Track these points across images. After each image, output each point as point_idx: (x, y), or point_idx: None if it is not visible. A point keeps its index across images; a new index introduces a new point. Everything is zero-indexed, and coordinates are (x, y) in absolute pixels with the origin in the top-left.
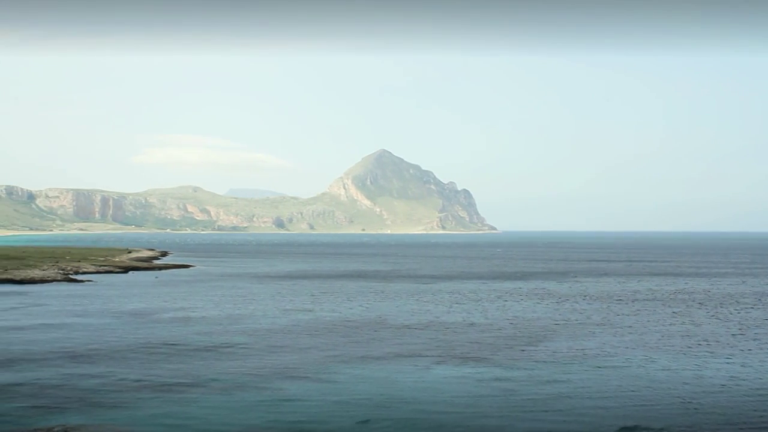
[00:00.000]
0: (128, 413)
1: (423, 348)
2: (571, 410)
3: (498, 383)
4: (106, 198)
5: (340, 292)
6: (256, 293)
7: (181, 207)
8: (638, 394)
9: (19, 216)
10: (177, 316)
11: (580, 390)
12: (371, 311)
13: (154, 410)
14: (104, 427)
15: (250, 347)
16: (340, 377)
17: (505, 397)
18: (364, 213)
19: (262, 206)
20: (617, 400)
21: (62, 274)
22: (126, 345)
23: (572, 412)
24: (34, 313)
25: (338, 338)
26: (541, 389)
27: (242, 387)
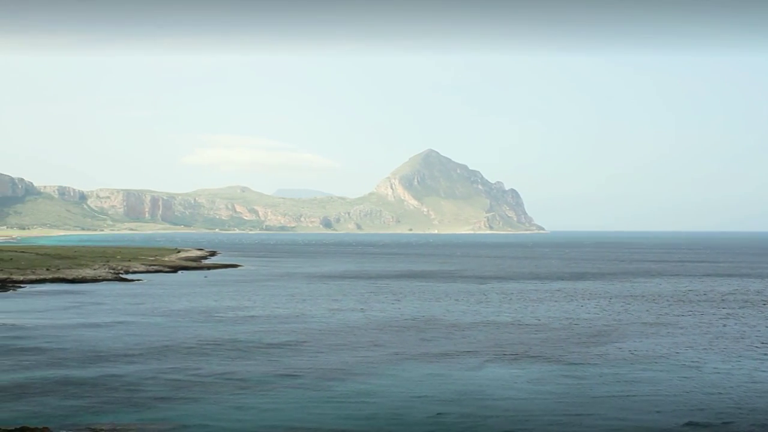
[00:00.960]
0: (209, 407)
1: (479, 346)
2: (629, 408)
3: (556, 381)
4: (156, 198)
5: (390, 291)
6: (307, 293)
7: (230, 207)
8: (693, 394)
9: (71, 216)
10: (239, 314)
11: (637, 388)
12: (422, 310)
13: (234, 404)
14: (149, 426)
15: (313, 345)
16: (406, 374)
17: (565, 394)
18: (412, 213)
19: (309, 206)
20: (673, 399)
21: (113, 273)
22: (195, 342)
23: (631, 410)
24: (93, 311)
25: (395, 336)
26: (601, 387)
27: (315, 382)
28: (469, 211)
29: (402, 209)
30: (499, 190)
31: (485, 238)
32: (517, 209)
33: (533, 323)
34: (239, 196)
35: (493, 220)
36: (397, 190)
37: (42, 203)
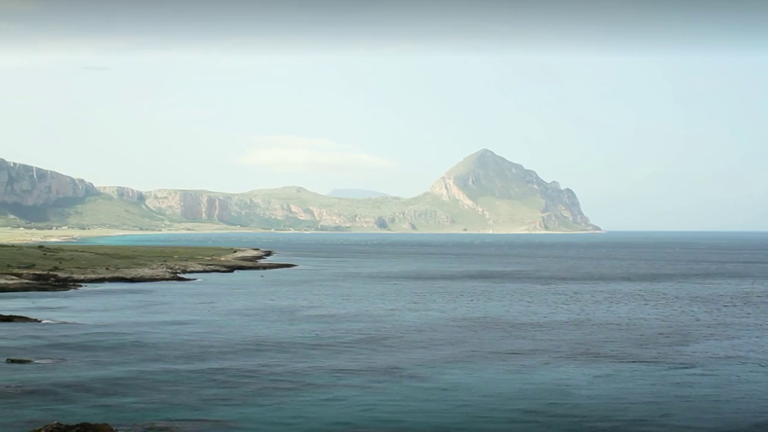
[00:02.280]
0: (304, 398)
1: (549, 345)
2: (715, 408)
3: (635, 381)
4: (213, 198)
5: (451, 292)
6: (368, 293)
7: (285, 207)
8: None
9: (129, 216)
10: (309, 314)
11: (719, 389)
12: (486, 310)
13: (325, 397)
14: (205, 423)
15: (388, 342)
16: (485, 371)
17: (647, 393)
18: (466, 213)
19: (364, 206)
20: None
21: (170, 272)
22: (273, 339)
23: (716, 411)
24: (163, 310)
25: (466, 335)
26: (684, 388)
27: (399, 378)
28: (525, 211)
29: (457, 209)
30: (555, 190)
31: (541, 238)
32: (573, 209)
33: (599, 323)
34: (294, 196)
35: (548, 220)
36: (452, 190)
37: (102, 203)
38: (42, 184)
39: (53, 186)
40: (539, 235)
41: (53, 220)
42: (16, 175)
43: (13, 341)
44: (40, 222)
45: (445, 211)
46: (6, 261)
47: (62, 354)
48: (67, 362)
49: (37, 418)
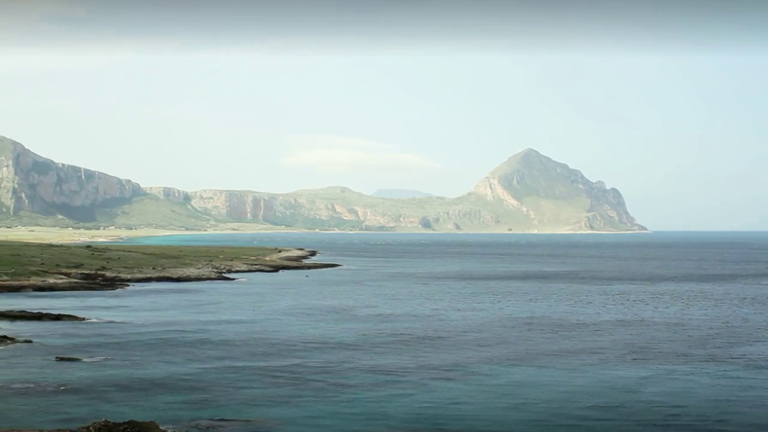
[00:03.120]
0: (349, 397)
1: (603, 345)
2: (757, 409)
3: (684, 381)
4: (257, 199)
5: (499, 292)
6: (415, 292)
7: (330, 207)
8: None
9: (175, 216)
10: (361, 313)
11: (758, 391)
12: (536, 310)
13: (393, 392)
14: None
15: (447, 341)
16: (544, 370)
17: (711, 392)
18: (511, 213)
19: (408, 206)
20: None
21: (216, 272)
22: (322, 339)
23: (759, 411)
24: (205, 310)
25: (520, 334)
26: (746, 389)
27: (466, 375)
28: (570, 210)
29: (501, 209)
30: (600, 190)
31: (586, 238)
32: (619, 209)
33: (647, 323)
34: (339, 196)
35: (593, 219)
36: (496, 189)
37: (148, 204)
38: (90, 185)
39: (101, 187)
40: (584, 235)
41: (101, 221)
42: (65, 176)
43: (62, 340)
44: (87, 222)
45: (489, 211)
46: (55, 261)
47: (110, 352)
48: (114, 361)
49: (86, 416)
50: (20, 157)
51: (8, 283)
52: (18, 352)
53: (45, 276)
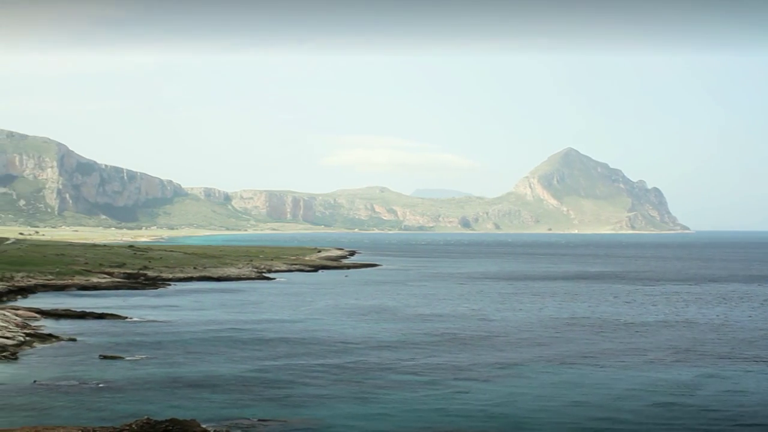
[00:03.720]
0: (392, 397)
1: (655, 345)
2: None
3: (737, 381)
4: (297, 199)
5: (537, 292)
6: (452, 293)
7: (369, 207)
8: None
9: (216, 216)
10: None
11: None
12: (571, 310)
13: (461, 389)
14: (291, 422)
15: (499, 340)
16: (592, 371)
17: (757, 393)
18: (551, 212)
19: (448, 206)
20: None
21: (256, 272)
22: (363, 339)
23: None
24: (246, 308)
25: (571, 334)
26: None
27: (527, 372)
28: (610, 210)
29: (541, 209)
30: (641, 189)
31: (628, 238)
32: (660, 208)
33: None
34: (378, 196)
35: (635, 219)
36: (536, 189)
37: (189, 204)
38: (132, 186)
39: (143, 187)
40: (626, 235)
41: (143, 221)
42: (108, 176)
43: (105, 338)
44: (130, 222)
45: (529, 211)
46: (98, 260)
47: (152, 351)
48: (156, 359)
49: (128, 413)
50: (64, 158)
51: (53, 282)
52: (62, 350)
53: (88, 275)
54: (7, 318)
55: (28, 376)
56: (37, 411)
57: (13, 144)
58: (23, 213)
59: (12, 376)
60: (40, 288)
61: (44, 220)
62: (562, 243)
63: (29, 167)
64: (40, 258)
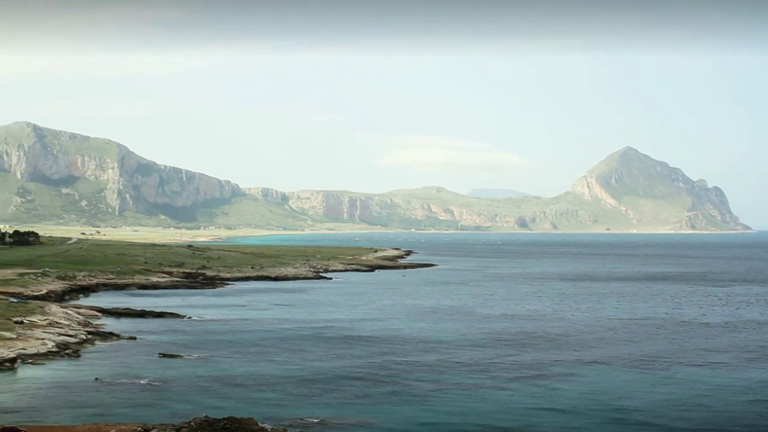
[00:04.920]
0: (447, 397)
1: (715, 347)
2: None
3: None
4: (354, 199)
5: (595, 292)
6: (510, 293)
7: (425, 207)
8: None
9: (273, 216)
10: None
11: None
12: (631, 311)
13: (553, 386)
14: (348, 421)
15: (573, 339)
16: (685, 367)
17: None
18: (609, 212)
19: (504, 206)
20: None
21: (313, 271)
22: (420, 338)
23: None
24: (303, 308)
25: (647, 333)
26: None
27: (611, 370)
28: (670, 210)
29: (599, 208)
30: (702, 188)
31: (688, 238)
32: (722, 208)
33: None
34: (434, 196)
35: (695, 219)
36: (594, 188)
37: (247, 204)
38: (191, 186)
39: (201, 187)
40: (686, 235)
41: (201, 221)
42: (167, 177)
43: (164, 337)
44: (188, 222)
45: (586, 211)
46: (158, 260)
47: (210, 349)
48: (215, 357)
49: (187, 411)
50: (125, 159)
51: (114, 281)
52: (123, 348)
53: (148, 275)
54: (69, 316)
55: (89, 373)
56: (99, 408)
57: (75, 145)
58: (85, 213)
59: (74, 373)
60: (101, 287)
61: (105, 220)
62: (621, 243)
63: (91, 168)
64: (101, 257)
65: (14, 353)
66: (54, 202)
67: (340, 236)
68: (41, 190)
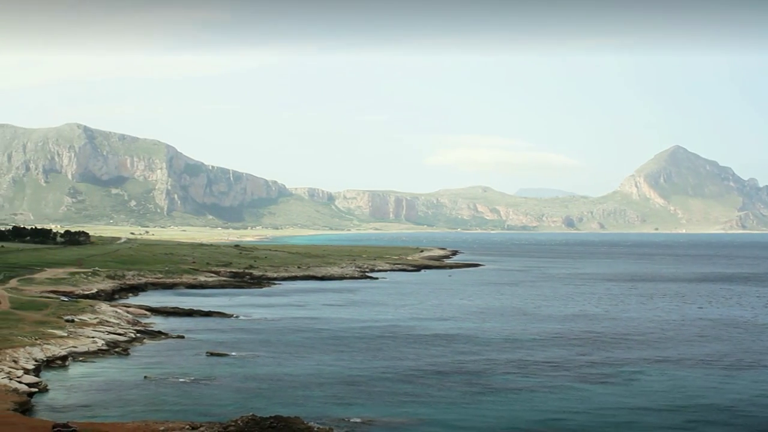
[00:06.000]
0: (491, 399)
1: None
2: None
3: None
4: (400, 198)
5: (644, 293)
6: (557, 293)
7: (471, 207)
8: None
9: (320, 216)
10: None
11: None
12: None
13: (627, 384)
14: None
15: (643, 338)
16: (755, 370)
17: None
18: (657, 212)
19: (551, 206)
20: None
21: (359, 271)
22: (468, 337)
23: None
24: (350, 307)
25: (721, 333)
26: None
27: (688, 368)
28: (720, 209)
29: (647, 208)
30: (753, 187)
31: (739, 238)
32: None
33: None
34: (481, 195)
35: (746, 219)
36: (642, 188)
37: (293, 204)
38: (238, 186)
39: (248, 188)
40: (736, 234)
41: (248, 220)
42: (214, 177)
43: (211, 335)
44: (236, 222)
45: (634, 210)
46: (205, 259)
47: (258, 348)
48: (262, 356)
49: (234, 410)
50: (173, 159)
51: (162, 281)
52: (171, 346)
53: (196, 274)
54: (119, 315)
55: (138, 371)
56: (147, 405)
57: (124, 146)
58: (134, 213)
59: (124, 371)
60: (150, 286)
61: (154, 220)
62: (670, 243)
63: (140, 169)
64: (149, 257)
65: (66, 351)
66: (104, 203)
67: (385, 236)
68: (91, 191)
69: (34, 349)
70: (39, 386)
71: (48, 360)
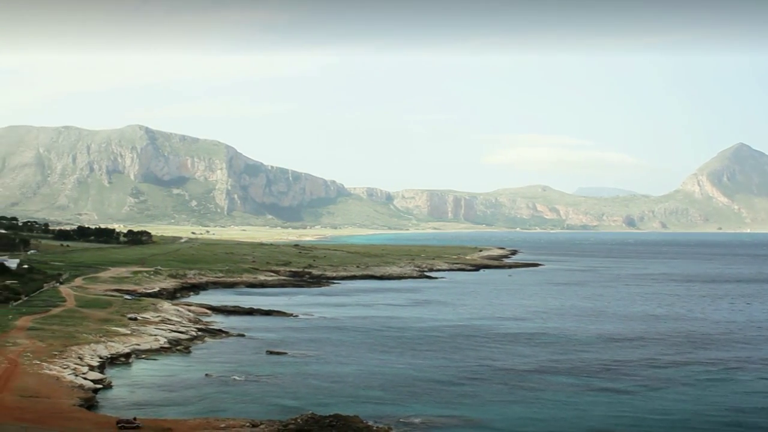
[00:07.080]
0: (552, 398)
1: None
2: None
3: None
4: (458, 198)
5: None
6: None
7: (530, 206)
8: None
9: (378, 216)
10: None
11: None
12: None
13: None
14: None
15: (733, 339)
16: None
17: None
18: (720, 211)
19: (611, 205)
20: None
21: (418, 271)
22: (529, 334)
23: None
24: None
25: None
26: None
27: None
28: None
29: (710, 207)
30: None
31: None
32: None
33: None
34: (540, 195)
35: None
36: (705, 186)
37: (352, 204)
38: (297, 186)
39: (307, 187)
40: None
41: (307, 220)
42: (274, 177)
43: (271, 334)
44: (295, 222)
45: (697, 209)
46: (265, 259)
47: (317, 347)
48: (321, 355)
49: (293, 408)
50: (233, 160)
51: (223, 280)
52: (232, 345)
53: (256, 273)
54: (180, 313)
55: (200, 369)
56: (209, 403)
57: (185, 147)
58: (195, 213)
59: (185, 369)
60: (211, 285)
61: (214, 219)
62: (736, 243)
63: (200, 169)
64: (210, 256)
65: (129, 348)
66: (165, 203)
67: (444, 235)
68: (153, 191)
69: (99, 347)
70: (103, 383)
71: (112, 357)
